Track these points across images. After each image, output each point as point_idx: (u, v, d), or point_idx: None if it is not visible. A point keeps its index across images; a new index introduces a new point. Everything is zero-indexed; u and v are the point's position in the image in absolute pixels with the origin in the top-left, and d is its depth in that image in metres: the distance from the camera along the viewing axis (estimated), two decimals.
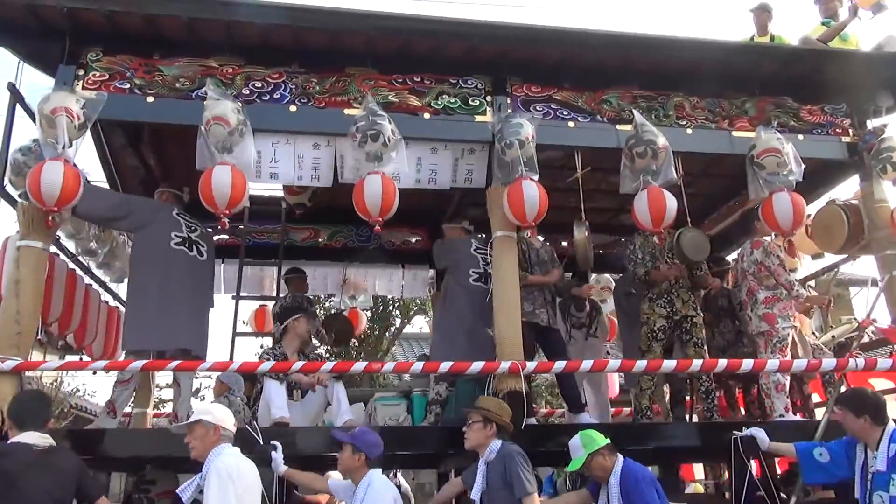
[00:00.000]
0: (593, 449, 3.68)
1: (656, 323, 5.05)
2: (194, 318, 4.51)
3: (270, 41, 4.67)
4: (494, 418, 3.64)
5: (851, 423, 3.79)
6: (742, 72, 5.17)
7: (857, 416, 3.77)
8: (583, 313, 6.74)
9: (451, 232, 5.30)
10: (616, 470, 3.65)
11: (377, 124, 4.21)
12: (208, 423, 3.15)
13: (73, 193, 3.84)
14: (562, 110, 4.96)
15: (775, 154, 4.72)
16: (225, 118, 4.13)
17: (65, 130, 3.82)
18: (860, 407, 3.79)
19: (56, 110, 3.85)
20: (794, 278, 5.31)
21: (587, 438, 3.74)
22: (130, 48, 4.56)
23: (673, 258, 5.18)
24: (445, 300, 5.08)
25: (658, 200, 4.43)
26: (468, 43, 4.76)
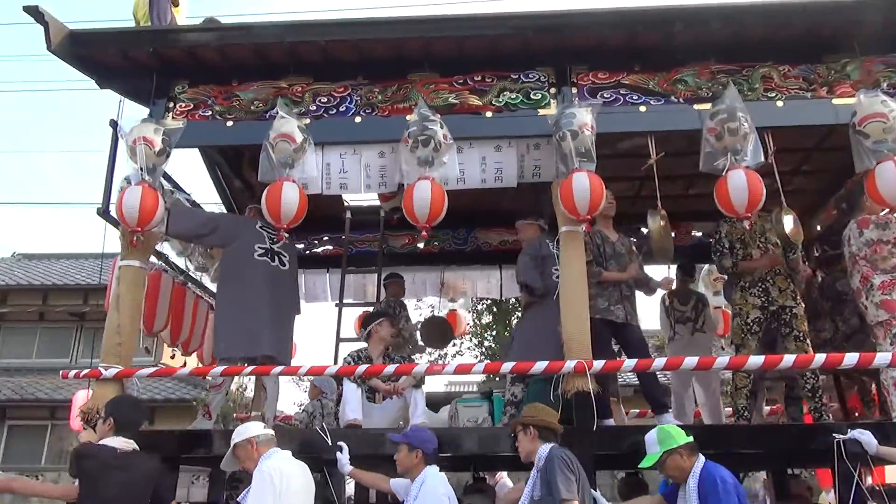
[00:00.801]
0: (670, 447, 3.44)
1: (750, 314, 4.63)
2: (277, 326, 4.78)
3: (334, 57, 4.86)
4: (531, 422, 3.52)
5: None
6: (840, 30, 4.62)
7: None
8: (687, 307, 6.34)
9: (526, 229, 5.19)
10: (695, 471, 3.38)
11: (428, 129, 4.24)
12: (241, 443, 3.36)
13: (150, 215, 4.22)
14: (631, 95, 4.72)
15: (880, 119, 4.17)
16: (291, 135, 4.35)
17: (143, 157, 4.21)
18: None
19: (136, 140, 4.27)
20: None
21: (664, 434, 3.50)
22: (212, 78, 4.96)
23: (766, 243, 4.73)
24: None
25: (756, 182, 4.05)
26: (523, 37, 4.66)
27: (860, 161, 4.31)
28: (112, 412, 3.57)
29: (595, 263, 4.67)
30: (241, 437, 3.38)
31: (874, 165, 4.22)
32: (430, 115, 4.32)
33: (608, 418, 4.45)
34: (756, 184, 4.04)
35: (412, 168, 4.42)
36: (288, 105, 4.78)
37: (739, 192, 4.03)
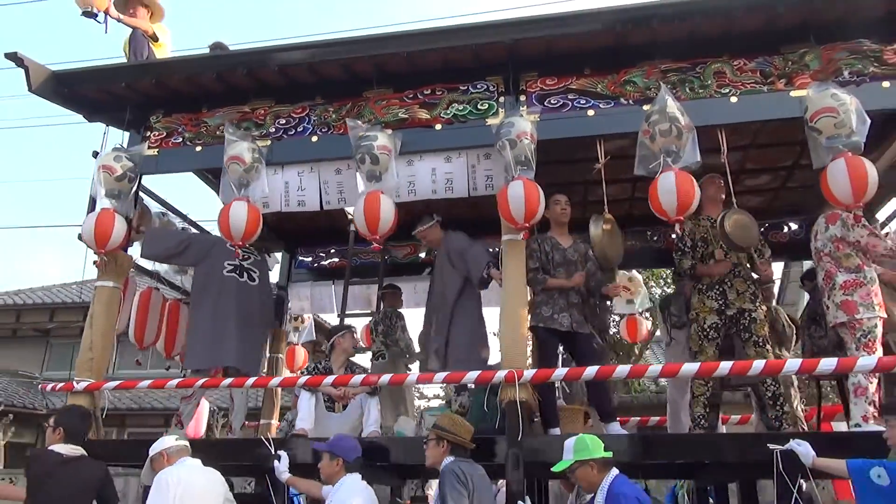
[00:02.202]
0: (582, 457, 3.40)
1: (707, 320, 4.46)
2: (244, 339, 5.01)
3: (293, 79, 5.06)
4: (445, 436, 3.54)
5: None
6: (799, 19, 4.41)
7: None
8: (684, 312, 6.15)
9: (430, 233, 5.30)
10: (604, 486, 3.33)
11: (362, 145, 4.37)
12: (155, 455, 3.61)
13: (106, 237, 4.55)
14: (579, 99, 4.67)
15: (831, 114, 3.96)
16: (241, 157, 4.58)
17: (102, 184, 4.55)
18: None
19: (99, 168, 4.61)
20: None
21: (581, 444, 3.45)
22: (184, 107, 5.27)
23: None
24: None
25: (687, 185, 3.95)
26: (471, 48, 4.70)
27: (817, 158, 4.11)
28: (61, 422, 3.87)
29: (542, 271, 4.63)
30: (155, 450, 3.62)
31: (829, 162, 4.02)
32: (364, 132, 4.44)
33: (554, 427, 4.39)
34: (687, 186, 3.92)
35: (363, 184, 4.56)
36: (249, 128, 5.05)
37: (668, 195, 3.92)
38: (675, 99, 4.23)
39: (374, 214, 4.27)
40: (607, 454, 3.42)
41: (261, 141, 5.00)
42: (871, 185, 3.86)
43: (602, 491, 3.30)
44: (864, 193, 3.85)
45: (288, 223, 7.01)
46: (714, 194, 4.62)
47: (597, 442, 3.46)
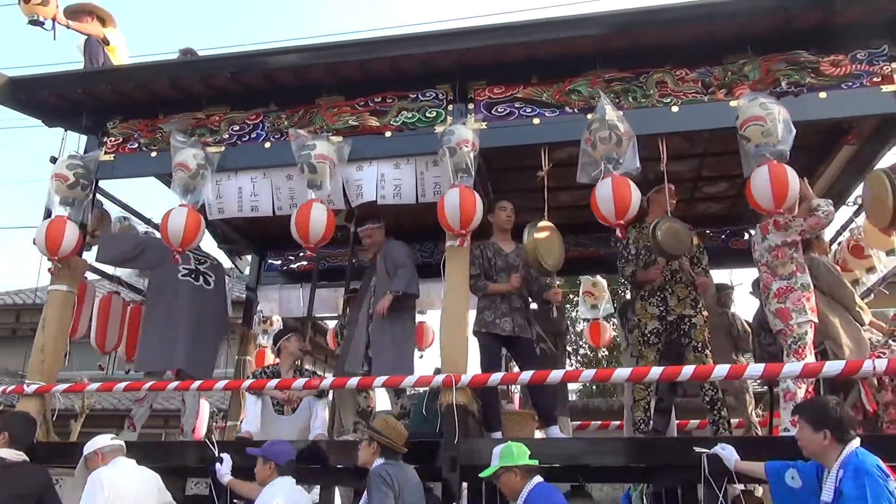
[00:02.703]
0: (506, 464, 3.46)
1: (648, 325, 4.54)
2: (195, 342, 5.08)
3: (247, 86, 5.12)
4: (376, 437, 3.61)
5: (808, 438, 3.11)
6: (735, 32, 4.48)
7: (815, 430, 3.10)
8: None
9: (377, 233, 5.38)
10: (524, 494, 3.40)
11: (301, 155, 4.44)
12: (90, 454, 3.67)
13: (56, 243, 4.62)
14: (525, 108, 4.75)
15: (759, 122, 4.03)
16: (185, 164, 4.65)
17: (55, 192, 4.61)
18: (821, 419, 3.10)
19: (52, 177, 4.67)
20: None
21: (506, 451, 3.51)
22: (140, 113, 5.33)
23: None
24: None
25: (623, 190, 4.03)
26: (419, 57, 4.77)
27: (746, 165, 4.18)
28: (7, 427, 3.93)
29: (484, 277, 4.70)
30: (89, 449, 3.68)
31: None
32: (305, 142, 4.51)
33: (496, 431, 4.46)
34: (624, 192, 3.99)
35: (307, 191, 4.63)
36: (204, 134, 5.12)
37: (606, 201, 4.00)
38: (616, 107, 4.31)
39: (305, 223, 4.34)
40: (531, 462, 3.48)
41: (215, 147, 5.07)
42: (791, 193, 3.94)
43: (522, 497, 3.36)
44: (785, 200, 3.93)
45: (258, 226, 7.06)
46: (664, 202, 4.68)
47: (522, 449, 3.51)
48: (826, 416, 3.09)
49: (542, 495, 3.36)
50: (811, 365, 3.80)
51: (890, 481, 2.89)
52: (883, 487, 2.84)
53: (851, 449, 3.01)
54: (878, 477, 2.86)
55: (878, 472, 2.89)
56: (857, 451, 3.00)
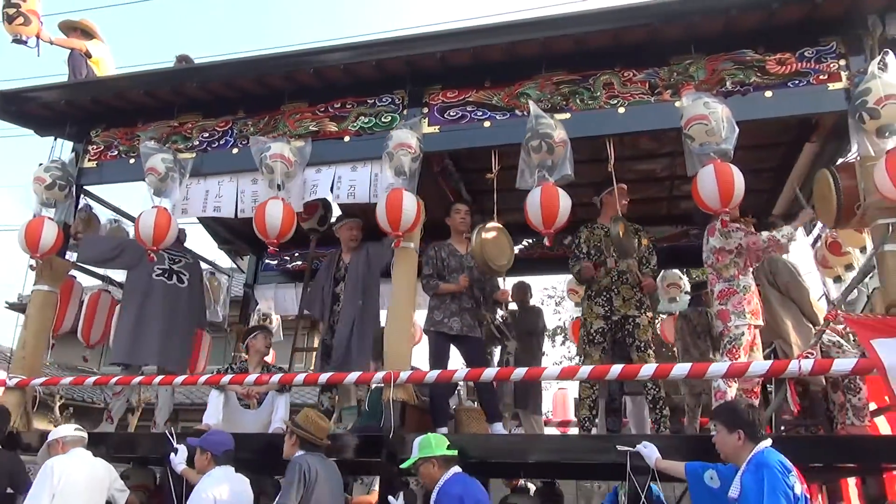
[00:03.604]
0: (424, 454, 3.59)
1: (593, 325, 4.59)
2: (166, 339, 5.34)
3: (216, 95, 5.35)
4: (296, 431, 3.77)
5: (723, 439, 3.16)
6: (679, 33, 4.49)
7: (730, 430, 3.14)
8: None
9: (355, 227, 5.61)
10: (439, 484, 3.52)
11: (259, 158, 4.64)
12: (52, 441, 3.93)
13: (36, 244, 4.90)
14: (477, 111, 4.85)
15: (703, 121, 4.03)
16: (155, 168, 4.90)
17: (35, 193, 4.94)
18: (735, 420, 3.15)
19: (33, 180, 4.99)
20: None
21: (425, 442, 3.64)
22: (121, 121, 5.62)
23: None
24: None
25: (551, 198, 4.11)
26: (372, 63, 4.90)
27: (691, 165, 4.19)
28: None
29: (437, 277, 4.82)
30: (53, 436, 3.94)
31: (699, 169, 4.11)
32: (262, 146, 4.70)
33: (442, 426, 4.57)
34: (552, 201, 4.06)
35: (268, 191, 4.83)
36: (177, 141, 5.37)
37: (534, 210, 4.07)
38: (547, 113, 4.38)
39: (262, 219, 4.54)
40: (450, 453, 3.60)
41: (187, 153, 5.32)
42: (737, 192, 3.94)
43: (437, 487, 3.49)
44: (732, 199, 3.93)
45: (252, 228, 7.32)
46: (614, 203, 4.72)
47: (441, 441, 3.64)
48: (739, 418, 3.15)
49: (456, 484, 3.47)
50: (736, 365, 3.80)
51: (791, 475, 2.92)
52: (781, 480, 2.87)
53: (760, 448, 3.05)
54: (778, 470, 2.90)
55: (779, 467, 2.92)
56: (765, 450, 3.04)
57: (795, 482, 2.87)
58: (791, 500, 2.80)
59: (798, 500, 2.84)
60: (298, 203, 4.97)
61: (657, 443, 3.70)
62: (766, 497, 2.79)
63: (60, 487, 3.68)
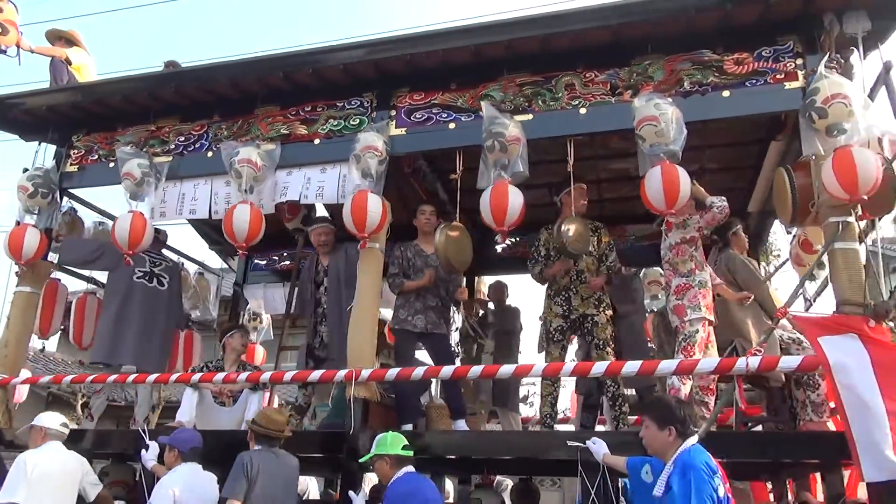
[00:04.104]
0: (379, 452, 3.69)
1: (552, 323, 4.66)
2: (144, 340, 5.48)
3: (192, 99, 5.47)
4: (252, 427, 3.88)
5: (653, 435, 3.21)
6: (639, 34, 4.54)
7: (661, 427, 3.19)
8: None
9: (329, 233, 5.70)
10: (392, 482, 3.62)
11: (228, 163, 4.75)
12: (36, 426, 4.02)
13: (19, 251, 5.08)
14: (442, 113, 4.92)
15: (653, 122, 4.09)
16: (131, 173, 5.03)
17: (19, 201, 5.11)
18: (666, 416, 3.20)
19: (17, 188, 5.15)
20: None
21: (381, 441, 3.74)
22: (102, 126, 5.76)
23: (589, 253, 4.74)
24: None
25: (500, 196, 4.19)
26: (339, 68, 4.99)
27: (643, 165, 4.25)
28: None
29: (402, 276, 4.90)
30: (38, 422, 4.10)
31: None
32: (231, 151, 4.81)
33: (406, 423, 4.65)
34: (501, 199, 4.14)
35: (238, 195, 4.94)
36: (154, 145, 5.50)
37: (486, 207, 4.15)
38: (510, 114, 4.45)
39: (230, 223, 4.64)
40: (404, 452, 3.69)
41: (164, 157, 5.45)
42: (682, 193, 4.00)
43: (389, 485, 3.58)
44: (676, 200, 3.99)
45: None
46: (571, 203, 4.78)
47: (398, 440, 3.73)
48: (671, 415, 3.20)
49: (406, 483, 3.57)
50: (685, 362, 3.86)
51: (716, 478, 2.97)
52: (707, 483, 2.92)
53: (687, 446, 3.10)
54: (704, 473, 2.95)
55: (705, 469, 2.97)
56: (691, 449, 3.09)
57: (720, 484, 2.92)
58: (715, 502, 2.86)
59: (721, 502, 2.89)
60: (270, 204, 5.07)
61: (610, 439, 3.77)
62: (693, 501, 2.84)
63: (34, 480, 3.81)
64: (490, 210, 4.12)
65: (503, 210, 4.10)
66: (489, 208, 4.14)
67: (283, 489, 3.77)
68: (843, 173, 3.63)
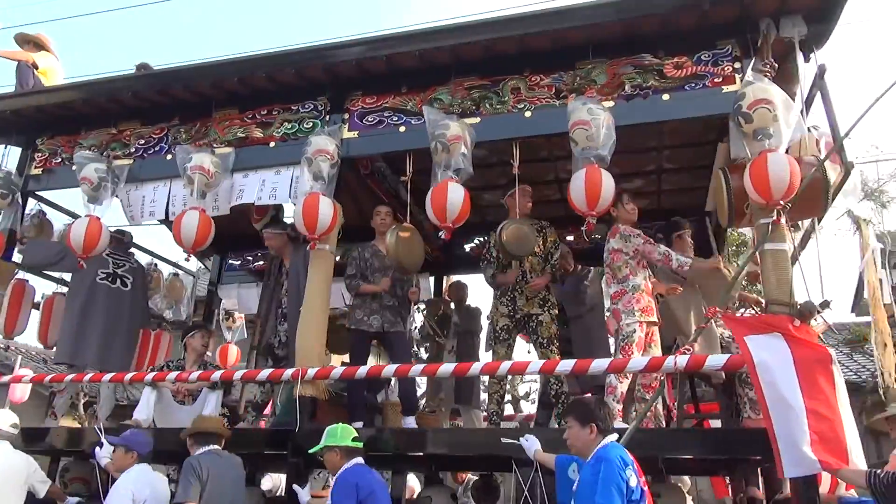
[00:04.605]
0: (328, 444, 3.79)
1: (499, 322, 4.76)
2: (106, 340, 5.58)
3: (152, 102, 5.56)
4: (186, 431, 4.00)
5: (577, 434, 3.30)
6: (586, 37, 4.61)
7: (583, 425, 3.28)
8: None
9: (275, 238, 5.83)
10: (340, 472, 3.72)
11: (182, 168, 4.84)
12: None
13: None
14: (393, 116, 5.01)
15: (584, 126, 4.17)
16: (88, 178, 5.13)
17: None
18: (587, 415, 3.29)
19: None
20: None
21: (332, 432, 3.83)
22: (67, 129, 5.85)
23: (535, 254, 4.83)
24: None
25: (439, 194, 4.28)
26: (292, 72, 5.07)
27: (575, 168, 4.32)
28: None
29: (360, 276, 5.00)
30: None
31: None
32: (186, 154, 4.89)
33: (357, 420, 4.74)
34: (439, 195, 4.24)
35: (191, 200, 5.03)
36: (116, 148, 5.60)
37: (428, 205, 4.25)
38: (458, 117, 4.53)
39: (178, 229, 4.74)
40: (354, 444, 3.78)
41: (125, 160, 5.54)
42: (604, 196, 4.08)
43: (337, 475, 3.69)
44: (598, 203, 4.08)
45: (217, 229, 7.52)
46: (519, 204, 4.86)
47: (347, 432, 3.83)
48: (591, 413, 3.29)
49: (353, 474, 3.67)
50: (617, 361, 3.95)
51: (628, 469, 3.05)
52: (616, 474, 3.00)
53: (606, 443, 3.19)
54: (616, 464, 3.03)
55: (618, 461, 3.06)
56: (609, 445, 3.18)
57: (631, 475, 3.00)
58: (623, 493, 2.93)
59: (632, 493, 2.97)
60: (226, 207, 5.16)
61: (545, 436, 3.86)
62: (600, 490, 2.92)
63: None
64: (432, 208, 4.21)
65: (442, 207, 4.18)
66: (431, 206, 4.23)
67: (232, 488, 3.88)
68: (757, 178, 3.72)
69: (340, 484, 3.61)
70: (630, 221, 4.64)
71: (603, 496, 2.90)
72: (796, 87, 4.50)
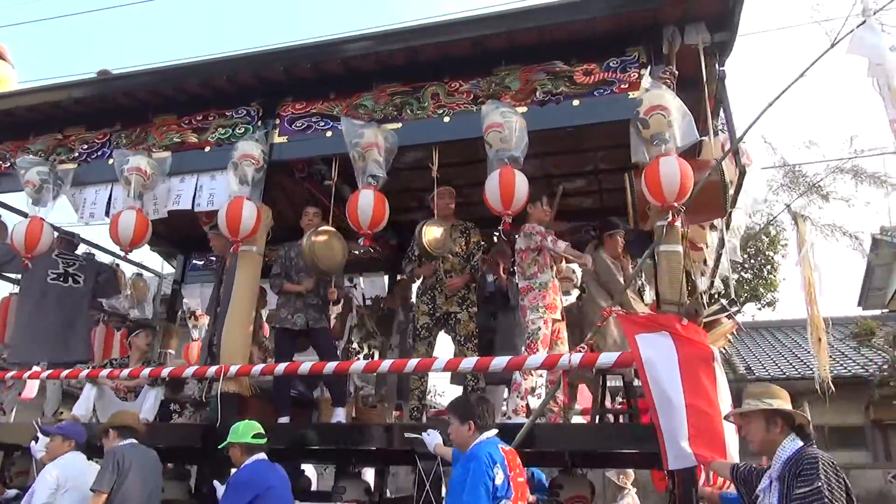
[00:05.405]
0: (232, 440, 3.95)
1: (420, 320, 4.92)
2: (59, 339, 5.76)
3: (94, 108, 5.74)
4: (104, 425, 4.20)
5: (457, 431, 3.47)
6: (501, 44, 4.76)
7: (462, 422, 3.45)
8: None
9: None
10: (238, 469, 3.89)
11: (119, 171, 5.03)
12: None
13: None
14: (320, 122, 5.17)
15: (497, 129, 4.33)
16: (31, 181, 5.31)
17: None
18: (466, 413, 3.46)
19: None
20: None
21: (237, 428, 3.99)
22: (15, 134, 6.04)
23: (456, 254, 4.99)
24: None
25: (353, 202, 4.45)
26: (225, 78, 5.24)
27: (490, 169, 4.46)
28: None
29: (284, 275, 5.17)
30: None
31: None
32: (122, 159, 5.08)
33: (284, 416, 4.92)
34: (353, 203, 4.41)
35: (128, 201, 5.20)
36: (61, 153, 5.78)
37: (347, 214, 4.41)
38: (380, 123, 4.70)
39: (115, 229, 4.92)
40: (255, 441, 3.95)
41: (71, 164, 5.72)
42: (518, 196, 4.23)
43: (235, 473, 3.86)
44: (512, 203, 4.23)
45: (181, 230, 7.71)
46: (439, 205, 5.02)
47: (251, 428, 3.99)
48: (470, 410, 3.45)
49: (251, 470, 3.84)
50: (515, 359, 4.11)
51: (495, 467, 3.21)
52: (483, 472, 3.17)
53: (482, 439, 3.35)
54: (484, 462, 3.19)
55: (487, 459, 3.22)
56: (483, 442, 3.34)
57: (498, 472, 3.15)
58: (489, 490, 3.10)
59: (497, 490, 3.13)
60: (163, 210, 5.34)
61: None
62: (468, 489, 3.09)
63: None
64: (349, 217, 4.38)
65: (355, 214, 4.35)
66: (348, 215, 4.41)
67: (153, 478, 4.08)
68: (652, 181, 3.86)
69: (232, 485, 3.79)
70: (542, 221, 4.78)
71: (470, 495, 3.07)
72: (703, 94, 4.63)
